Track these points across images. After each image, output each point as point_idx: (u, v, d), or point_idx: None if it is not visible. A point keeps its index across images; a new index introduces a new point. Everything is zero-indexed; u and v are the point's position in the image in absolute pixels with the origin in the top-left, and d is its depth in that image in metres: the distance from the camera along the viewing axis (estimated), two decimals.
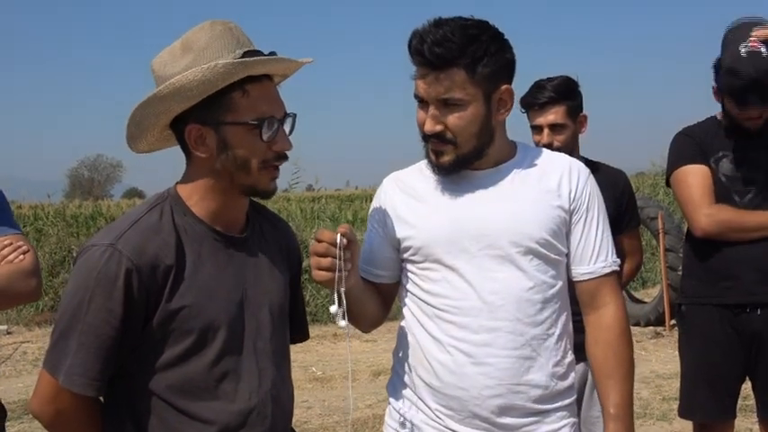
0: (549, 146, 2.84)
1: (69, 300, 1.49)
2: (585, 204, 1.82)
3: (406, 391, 1.85)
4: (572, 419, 1.84)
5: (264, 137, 1.52)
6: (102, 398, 1.55)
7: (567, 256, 1.82)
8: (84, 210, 16.15)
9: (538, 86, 2.91)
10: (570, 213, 1.80)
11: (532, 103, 2.90)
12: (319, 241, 1.63)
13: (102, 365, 1.48)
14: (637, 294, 9.54)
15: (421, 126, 1.75)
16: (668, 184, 3.04)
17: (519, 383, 1.74)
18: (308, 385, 6.37)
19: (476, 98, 1.70)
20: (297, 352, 7.47)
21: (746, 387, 3.04)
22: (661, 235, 8.11)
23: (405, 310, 1.88)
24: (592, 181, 1.87)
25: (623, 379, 1.81)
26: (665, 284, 7.95)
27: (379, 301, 1.88)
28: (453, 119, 1.70)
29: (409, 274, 1.85)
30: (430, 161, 1.79)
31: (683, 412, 3.06)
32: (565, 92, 2.88)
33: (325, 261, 1.63)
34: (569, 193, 1.80)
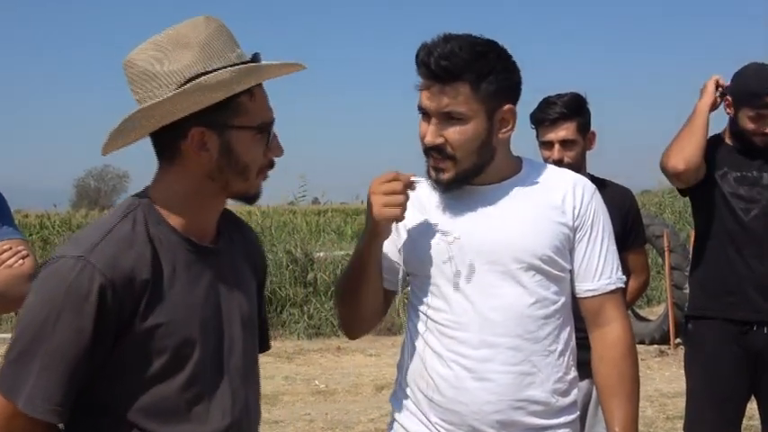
0: (560, 162, 2.84)
1: (32, 316, 1.35)
2: (590, 221, 1.81)
3: (409, 404, 1.85)
4: None
5: (268, 142, 1.48)
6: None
7: (571, 272, 1.82)
8: (90, 219, 16.19)
9: (548, 103, 2.91)
10: (574, 230, 1.79)
11: (543, 119, 2.90)
12: (393, 180, 1.70)
13: (66, 389, 1.34)
14: (642, 312, 9.50)
15: (422, 138, 1.76)
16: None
17: (519, 399, 1.73)
18: (311, 398, 6.36)
19: (478, 114, 1.71)
20: (299, 365, 7.47)
21: (752, 407, 3.03)
22: (666, 253, 8.09)
23: (409, 324, 1.88)
24: (597, 197, 1.86)
25: (628, 398, 1.80)
26: (670, 303, 7.93)
27: (381, 301, 1.89)
28: (454, 133, 1.71)
29: (413, 287, 1.86)
30: (429, 177, 1.79)
31: (689, 430, 3.04)
32: (575, 108, 2.89)
33: (400, 198, 1.68)
34: (573, 210, 1.80)
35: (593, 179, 3.03)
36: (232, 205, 1.63)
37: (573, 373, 1.83)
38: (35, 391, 1.33)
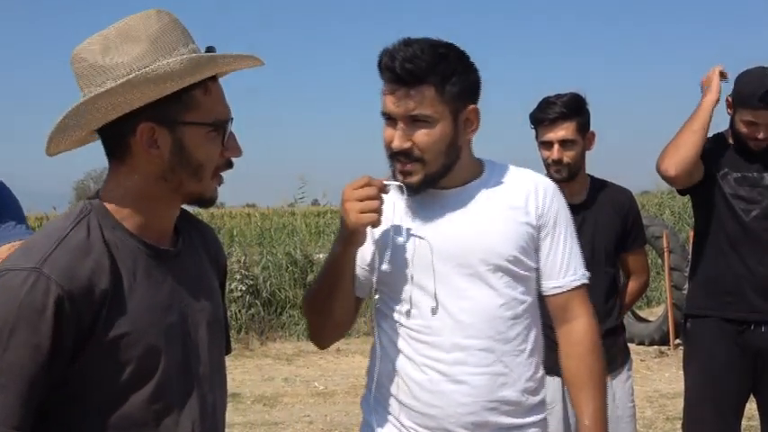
0: (559, 162, 2.86)
1: None
2: (553, 220, 1.84)
3: (380, 409, 1.86)
4: None
5: (224, 140, 1.40)
6: None
7: (537, 271, 1.85)
8: None
9: (547, 102, 2.91)
10: (538, 229, 1.82)
11: (542, 118, 2.90)
12: (369, 185, 1.69)
13: (25, 410, 1.24)
14: (641, 313, 9.50)
15: (388, 143, 1.76)
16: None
17: (492, 400, 1.76)
18: (311, 400, 6.35)
19: (444, 116, 1.72)
20: (299, 366, 7.46)
21: (751, 407, 3.03)
22: (666, 254, 8.09)
23: (377, 329, 1.88)
24: (559, 196, 1.89)
25: (597, 391, 1.84)
26: (669, 303, 7.93)
27: (351, 308, 1.88)
28: (422, 135, 1.72)
29: (382, 294, 1.86)
30: (398, 182, 1.79)
31: (688, 429, 3.04)
32: (575, 108, 2.89)
33: (376, 203, 1.67)
34: (536, 209, 1.82)
35: (594, 180, 3.04)
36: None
37: (541, 372, 1.87)
38: None
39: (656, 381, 6.87)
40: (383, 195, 1.71)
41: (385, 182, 1.72)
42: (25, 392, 1.24)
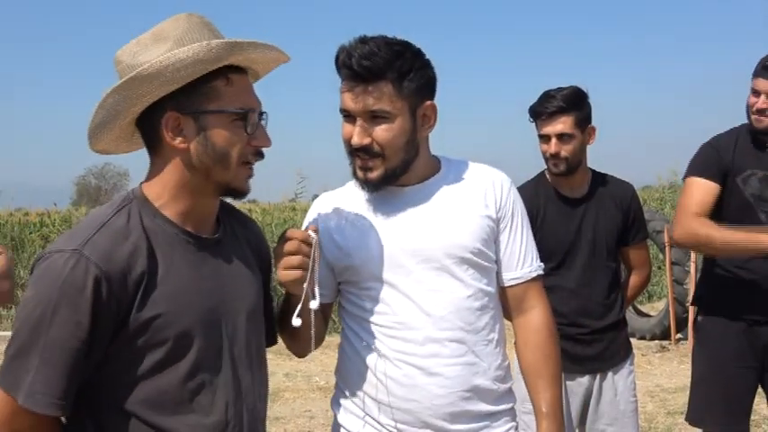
0: (557, 156, 2.85)
1: (29, 311, 1.35)
2: (510, 212, 1.88)
3: (352, 407, 1.87)
4: (514, 423, 1.90)
5: (248, 129, 1.46)
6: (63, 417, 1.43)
7: (497, 263, 1.88)
8: None
9: (547, 96, 2.89)
10: (497, 222, 1.86)
11: (541, 112, 2.89)
12: (288, 239, 1.60)
13: (67, 383, 1.35)
14: (642, 308, 9.50)
15: (347, 140, 1.77)
16: None
17: (467, 389, 1.79)
18: (312, 395, 6.36)
19: (402, 112, 1.74)
20: (300, 362, 7.46)
21: (758, 402, 3.02)
22: (667, 248, 8.08)
23: (346, 331, 1.89)
24: (514, 190, 1.93)
25: (553, 378, 1.88)
26: (670, 298, 7.92)
27: (321, 321, 1.86)
28: (381, 131, 1.74)
29: (348, 294, 1.87)
30: (357, 178, 1.81)
31: (693, 418, 3.01)
32: (574, 102, 2.86)
33: (296, 259, 1.59)
34: (495, 203, 1.86)
35: (595, 174, 3.03)
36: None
37: (507, 361, 1.91)
38: (35, 386, 1.34)
39: (658, 375, 6.87)
40: (316, 238, 1.62)
41: (310, 231, 1.61)
42: (68, 367, 1.35)
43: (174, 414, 1.44)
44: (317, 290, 1.61)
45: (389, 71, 1.71)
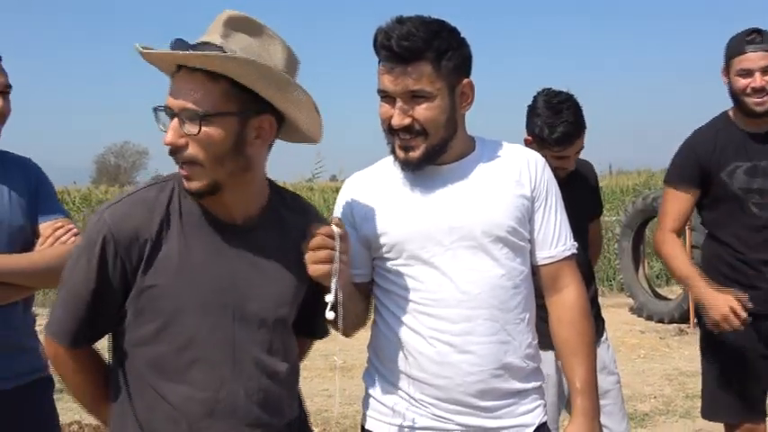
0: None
1: (66, 263, 1.57)
2: (545, 192, 1.89)
3: (385, 383, 1.89)
4: (542, 401, 1.93)
5: (159, 126, 1.50)
6: (99, 354, 1.66)
7: (531, 242, 1.89)
8: (109, 196, 16.31)
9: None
10: (532, 201, 1.87)
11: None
12: (314, 235, 1.61)
13: (75, 324, 1.55)
14: (661, 291, 9.46)
15: (386, 120, 1.78)
16: None
17: (498, 367, 1.81)
18: (330, 374, 6.41)
19: (442, 91, 1.76)
20: (318, 341, 7.49)
21: None
22: (688, 232, 8.02)
23: (379, 307, 1.91)
24: (548, 169, 1.94)
25: (587, 355, 1.89)
26: None
27: (363, 300, 1.90)
28: (422, 110, 1.75)
29: (383, 271, 1.88)
30: (397, 158, 1.81)
31: (707, 413, 3.01)
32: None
33: (322, 254, 1.60)
34: (530, 182, 1.87)
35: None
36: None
37: (536, 340, 1.93)
38: (52, 319, 1.58)
39: (676, 359, 6.86)
40: (340, 232, 1.62)
41: (334, 223, 1.64)
42: (77, 310, 1.53)
43: (169, 381, 1.53)
44: (333, 283, 1.61)
45: (428, 51, 1.72)
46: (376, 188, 1.88)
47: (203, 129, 1.45)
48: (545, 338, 1.96)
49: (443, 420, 1.82)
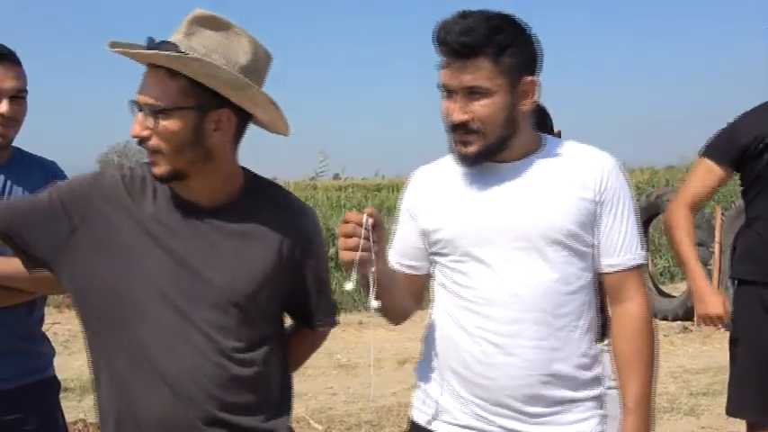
0: None
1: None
2: (613, 196, 1.80)
3: (436, 376, 1.87)
4: (598, 411, 1.83)
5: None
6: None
7: (594, 247, 1.81)
8: None
9: None
10: (598, 205, 1.79)
11: None
12: (346, 222, 1.61)
13: (10, 214, 1.66)
14: (665, 288, 9.45)
15: (447, 116, 1.76)
16: None
17: (546, 374, 1.75)
18: (333, 372, 6.41)
19: (501, 88, 1.71)
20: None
21: None
22: (718, 212, 7.99)
23: (436, 300, 1.90)
24: (621, 173, 1.84)
25: (643, 372, 1.81)
26: None
27: (408, 292, 1.88)
28: (479, 107, 1.72)
29: (438, 266, 1.87)
30: (455, 153, 1.80)
31: (732, 410, 2.97)
32: None
33: (352, 241, 1.59)
34: (596, 185, 1.78)
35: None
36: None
37: (596, 349, 1.84)
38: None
39: (680, 356, 6.85)
40: (371, 221, 1.59)
41: (366, 213, 1.61)
42: (21, 208, 1.67)
43: (113, 332, 1.62)
44: (373, 273, 1.60)
45: (487, 46, 1.68)
46: (438, 183, 1.86)
47: (162, 122, 1.55)
48: None
49: (485, 421, 1.78)
